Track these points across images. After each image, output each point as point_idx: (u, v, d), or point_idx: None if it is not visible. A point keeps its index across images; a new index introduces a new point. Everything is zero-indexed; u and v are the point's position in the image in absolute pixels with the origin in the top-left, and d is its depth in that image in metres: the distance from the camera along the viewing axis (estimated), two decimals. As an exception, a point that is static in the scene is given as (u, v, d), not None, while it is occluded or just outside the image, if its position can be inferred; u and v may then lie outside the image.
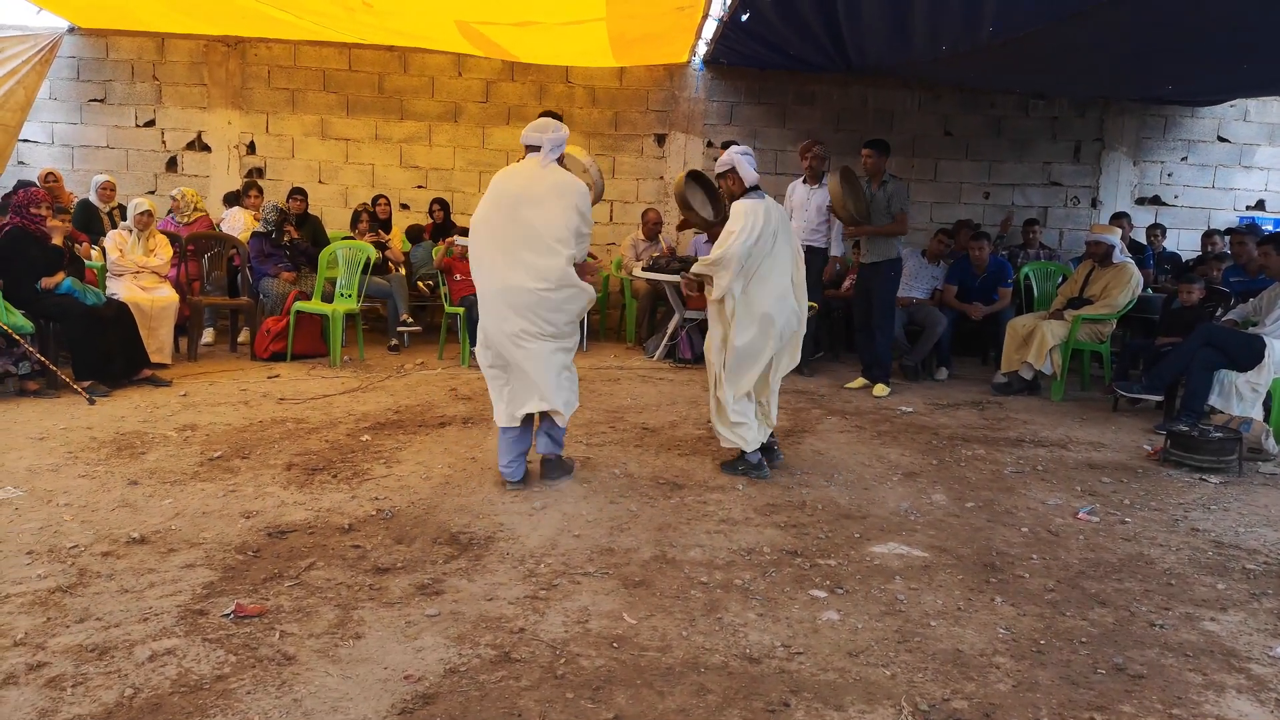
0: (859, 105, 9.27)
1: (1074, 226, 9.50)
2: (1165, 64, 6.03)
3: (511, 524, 3.60)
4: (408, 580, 3.03)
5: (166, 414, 5.16)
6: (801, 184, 7.12)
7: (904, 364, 7.19)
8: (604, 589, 3.02)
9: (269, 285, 7.32)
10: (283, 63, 9.02)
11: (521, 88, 9.13)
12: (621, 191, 9.29)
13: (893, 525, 3.79)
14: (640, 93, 9.17)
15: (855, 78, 8.95)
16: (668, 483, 4.22)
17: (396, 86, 9.10)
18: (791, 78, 9.12)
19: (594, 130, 9.17)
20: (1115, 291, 6.60)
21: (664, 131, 9.22)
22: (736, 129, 9.16)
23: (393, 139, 9.15)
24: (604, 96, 9.17)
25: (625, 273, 8.49)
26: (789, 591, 3.06)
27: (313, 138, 9.12)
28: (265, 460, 4.33)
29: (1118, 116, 9.33)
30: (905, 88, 9.21)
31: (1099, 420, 5.99)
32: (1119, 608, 3.04)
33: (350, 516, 3.61)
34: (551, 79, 9.11)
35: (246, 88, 9.02)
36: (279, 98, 9.06)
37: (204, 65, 8.97)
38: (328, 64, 9.04)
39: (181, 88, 9.00)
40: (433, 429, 5.04)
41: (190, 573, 3.02)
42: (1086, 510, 4.04)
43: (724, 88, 9.22)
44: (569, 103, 9.14)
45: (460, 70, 9.08)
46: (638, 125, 9.23)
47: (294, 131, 9.10)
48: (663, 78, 9.15)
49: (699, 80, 9.16)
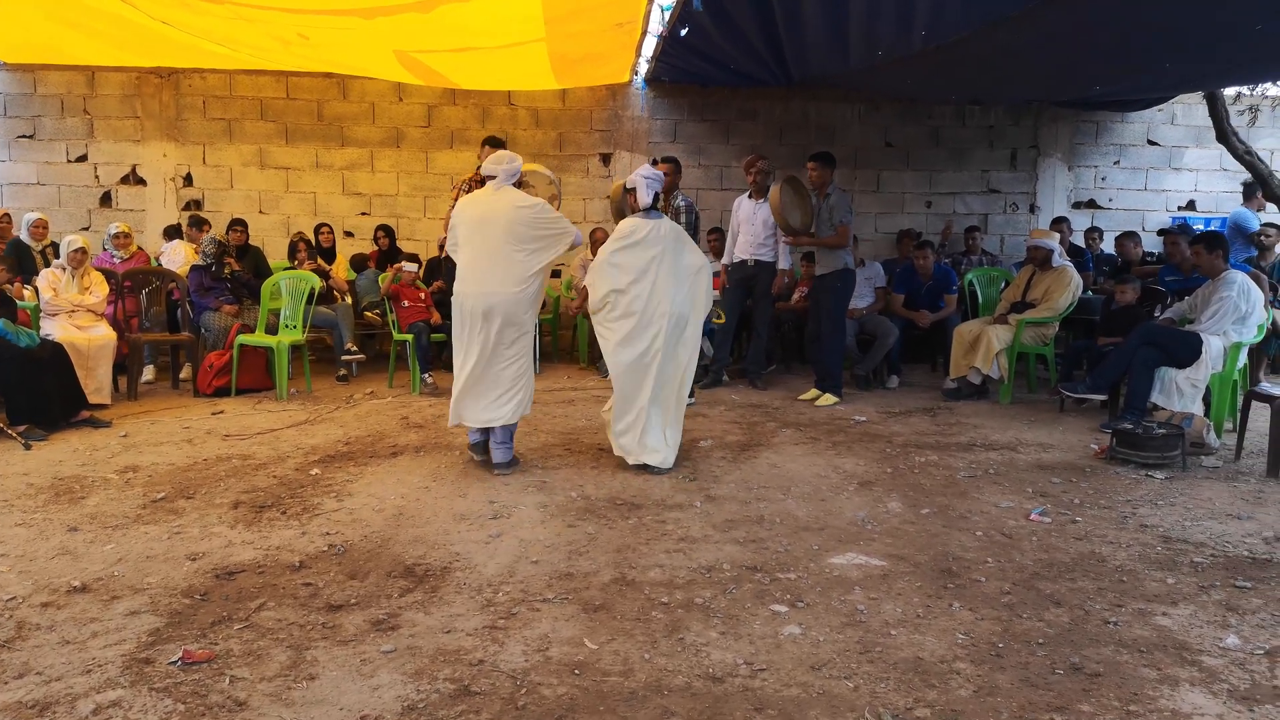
0: (801, 119, 9.40)
1: (1014, 232, 9.71)
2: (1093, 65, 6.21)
3: (467, 553, 3.55)
4: (362, 616, 2.97)
5: (106, 456, 5.02)
6: (747, 199, 7.18)
7: (855, 373, 7.27)
8: (564, 615, 2.99)
9: (210, 319, 7.18)
10: (218, 92, 8.89)
11: (464, 111, 9.11)
12: (569, 211, 9.27)
13: (850, 535, 3.81)
14: (583, 113, 9.20)
15: (797, 91, 9.08)
16: (625, 503, 4.21)
17: (336, 113, 9.02)
18: (734, 94, 9.22)
19: (539, 151, 9.17)
20: (1056, 294, 6.76)
21: (609, 151, 9.25)
22: (681, 146, 9.23)
23: (334, 166, 9.06)
24: (547, 118, 9.18)
25: (575, 293, 8.48)
26: (750, 608, 3.06)
27: (252, 167, 8.99)
28: (211, 499, 4.23)
29: (1051, 124, 9.58)
30: (846, 100, 9.36)
31: (1047, 421, 6.11)
32: (1074, 607, 3.09)
33: (301, 553, 3.53)
34: (494, 102, 9.10)
35: (181, 119, 8.88)
36: (215, 128, 8.93)
37: (137, 97, 8.81)
38: (264, 92, 8.93)
39: (114, 121, 8.83)
40: (384, 459, 4.97)
41: (135, 620, 2.93)
42: (1038, 511, 4.10)
43: (667, 105, 9.29)
44: (512, 125, 9.13)
45: (401, 95, 9.03)
46: (582, 145, 9.25)
47: (232, 162, 8.97)
48: (605, 97, 9.19)
49: (642, 99, 9.22)
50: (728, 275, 7.26)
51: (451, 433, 5.56)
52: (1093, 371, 6.17)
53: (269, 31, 6.59)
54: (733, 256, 7.26)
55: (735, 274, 7.23)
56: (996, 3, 4.67)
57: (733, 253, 7.26)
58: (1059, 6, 4.62)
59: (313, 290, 7.01)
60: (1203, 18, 4.79)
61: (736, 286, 7.22)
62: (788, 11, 6.12)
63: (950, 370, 6.98)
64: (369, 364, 7.86)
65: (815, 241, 6.65)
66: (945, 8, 4.89)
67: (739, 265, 7.19)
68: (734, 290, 7.22)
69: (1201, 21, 4.86)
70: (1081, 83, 7.18)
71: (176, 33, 6.93)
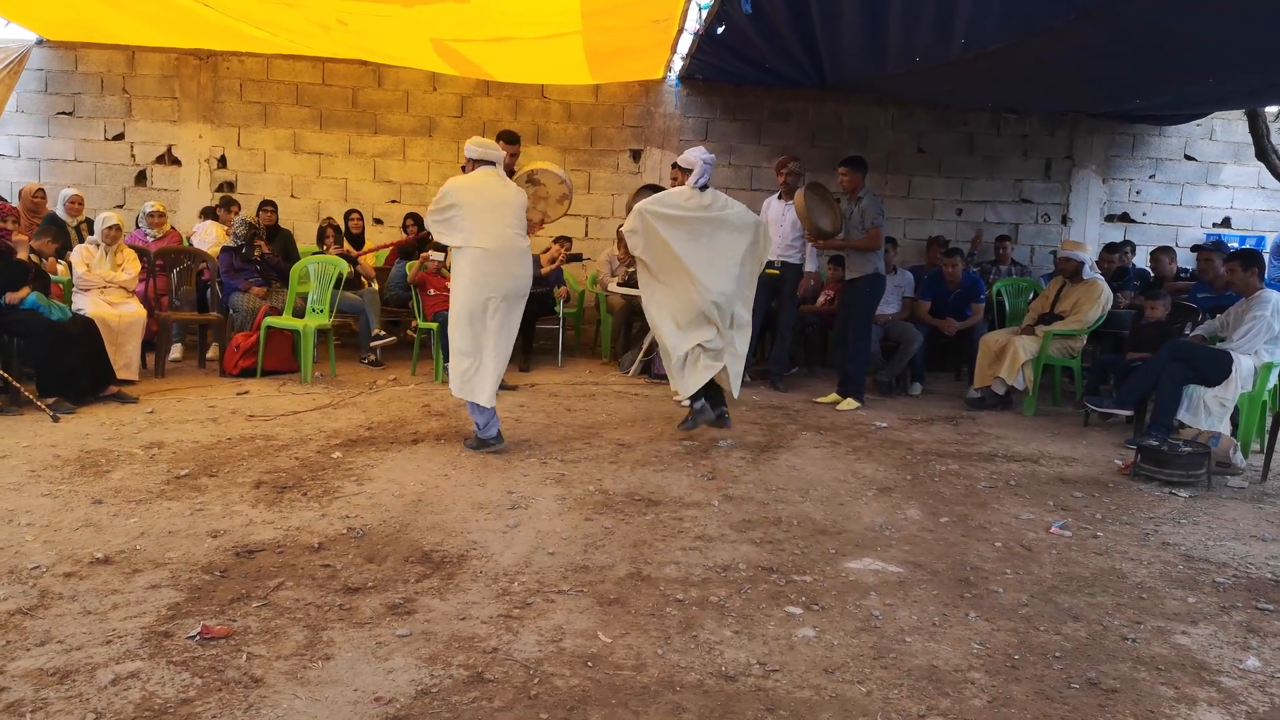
0: (834, 122, 9.35)
1: (1045, 243, 9.62)
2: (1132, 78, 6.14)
3: (485, 542, 3.57)
4: (379, 600, 2.99)
5: (133, 431, 5.08)
6: (776, 200, 7.16)
7: (879, 379, 7.24)
8: (578, 607, 3.00)
9: (239, 300, 7.25)
10: (255, 76, 8.97)
11: (497, 103, 9.13)
12: (597, 207, 9.30)
13: (868, 541, 3.79)
14: (616, 108, 9.20)
15: (830, 94, 9.03)
16: (643, 499, 4.21)
17: (370, 101, 9.07)
18: (767, 94, 9.19)
19: (569, 145, 9.18)
20: (1086, 307, 6.68)
21: (639, 147, 9.24)
22: (712, 145, 9.20)
23: (366, 153, 9.12)
24: (579, 112, 9.19)
25: (600, 288, 8.50)
26: (765, 608, 3.06)
27: (285, 151, 9.06)
28: (233, 478, 4.28)
29: (1087, 135, 9.48)
30: (879, 105, 9.31)
31: (1071, 435, 6.05)
32: (1092, 622, 3.06)
33: (320, 535, 3.57)
34: (527, 94, 9.12)
35: (218, 101, 8.96)
36: (251, 111, 9.00)
37: (175, 78, 8.90)
38: (300, 78, 9.00)
39: (152, 101, 8.92)
40: (405, 446, 5.00)
41: (155, 594, 2.97)
42: (1059, 525, 4.07)
43: (700, 104, 9.27)
44: (544, 118, 9.15)
45: (435, 85, 9.07)
46: (613, 141, 9.25)
47: (266, 145, 9.05)
48: (638, 94, 9.19)
49: (675, 96, 9.21)
50: None
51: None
52: (1119, 386, 6.10)
53: (309, 16, 6.64)
54: None
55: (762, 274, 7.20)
56: (1037, 13, 4.63)
57: None
58: (1100, 18, 4.57)
59: (340, 275, 7.06)
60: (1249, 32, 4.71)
61: (761, 287, 7.18)
62: (825, 13, 6.09)
63: (974, 379, 6.93)
64: (391, 351, 7.90)
65: (846, 244, 6.60)
66: (986, 16, 4.85)
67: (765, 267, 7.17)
68: (760, 290, 7.18)
69: (1248, 36, 4.79)
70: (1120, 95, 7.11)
71: (216, 15, 6.99)
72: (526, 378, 7.33)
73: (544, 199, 6.12)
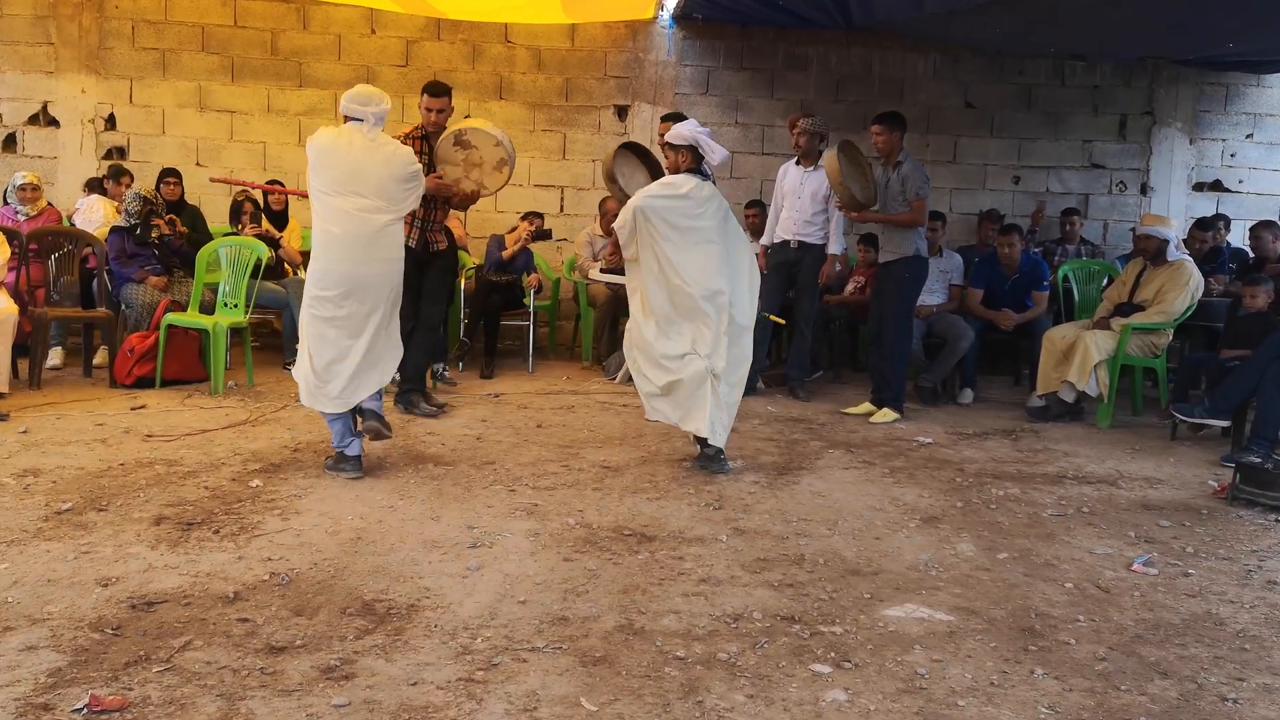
0: (862, 70, 9.39)
1: (1120, 218, 9.68)
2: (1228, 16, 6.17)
3: (440, 588, 3.56)
4: (309, 661, 2.98)
5: (2, 456, 5.05)
6: (794, 165, 7.17)
7: (921, 384, 7.25)
8: (556, 668, 3.00)
9: (133, 293, 7.21)
10: (151, 17, 8.94)
11: (450, 49, 9.13)
12: (574, 176, 9.30)
13: (910, 582, 3.80)
14: (596, 55, 9.21)
15: (858, 37, 9.07)
16: (634, 534, 4.21)
17: (294, 46, 9.06)
18: (781, 36, 9.22)
19: (540, 101, 9.19)
20: (1171, 295, 6.71)
21: (625, 103, 9.26)
22: (715, 99, 9.23)
23: (290, 111, 9.10)
24: (552, 60, 9.20)
25: (580, 275, 8.48)
26: (785, 667, 3.06)
27: (189, 109, 9.04)
28: (128, 513, 4.25)
29: (1170, 85, 9.53)
30: (917, 50, 9.34)
31: (1155, 451, 6.08)
32: (1184, 679, 3.07)
33: (236, 582, 3.55)
34: (487, 38, 9.12)
35: (105, 48, 8.93)
36: (146, 60, 8.98)
37: (50, 20, 8.87)
38: (207, 18, 8.98)
39: (22, 48, 8.88)
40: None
41: (32, 656, 2.95)
42: (1142, 561, 4.09)
43: (699, 49, 9.29)
44: (509, 67, 9.16)
45: (374, 27, 9.07)
46: (594, 95, 9.26)
47: (165, 102, 9.02)
48: (624, 37, 9.20)
49: (668, 40, 9.23)
50: (767, 259, 7.24)
51: (423, 441, 5.58)
52: (1213, 391, 6.13)
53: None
54: (773, 236, 7.24)
55: (776, 257, 7.21)
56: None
57: (774, 232, 7.25)
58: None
59: (259, 262, 7.03)
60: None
61: (776, 272, 7.18)
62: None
63: (1038, 385, 6.96)
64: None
65: (887, 218, 6.59)
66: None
67: (780, 247, 7.17)
68: (773, 277, 7.18)
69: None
70: (1213, 38, 7.14)
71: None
72: (489, 385, 7.32)
73: (477, 165, 6.06)
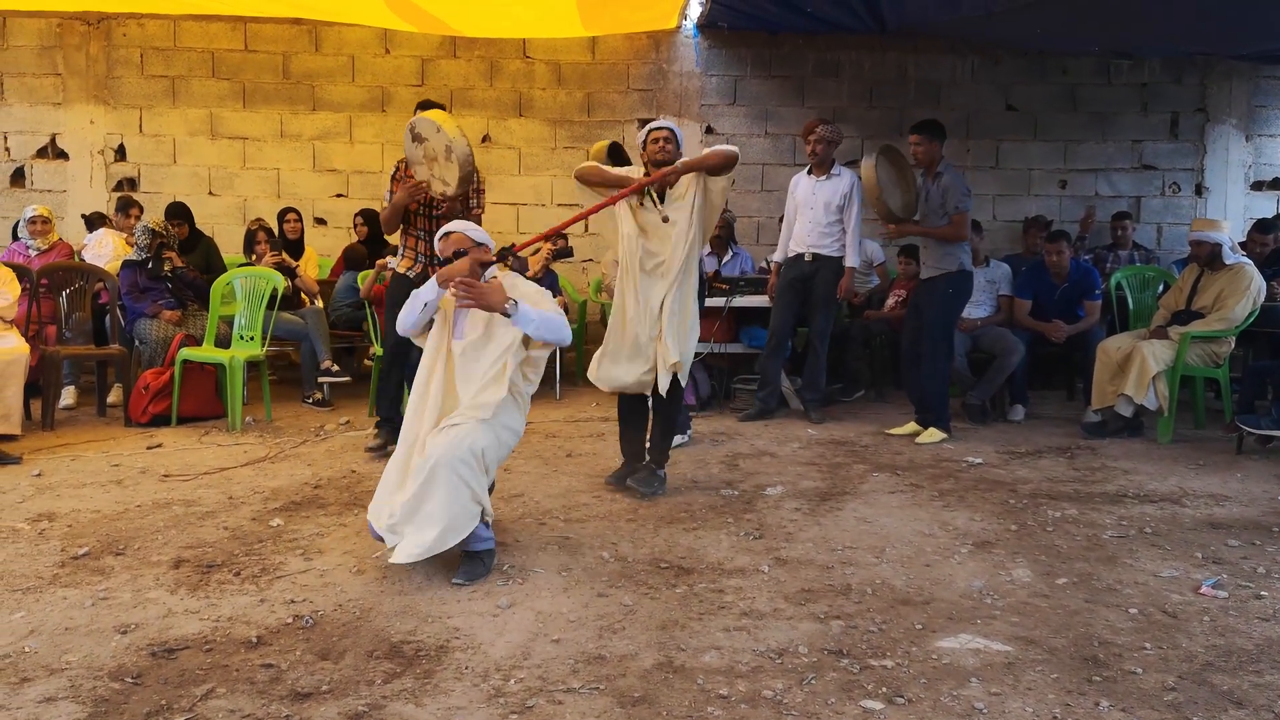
0: (896, 75, 9.39)
1: (1175, 220, 9.62)
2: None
3: (470, 628, 3.56)
4: (336, 708, 2.98)
5: (15, 500, 5.11)
6: (806, 175, 7.15)
7: (968, 402, 7.20)
8: (594, 710, 2.99)
9: (146, 328, 7.29)
10: (159, 44, 9.08)
11: (467, 66, 9.22)
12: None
13: (964, 612, 3.77)
14: (618, 68, 9.27)
15: (891, 41, 9.08)
16: (671, 566, 4.20)
17: (306, 69, 9.17)
18: (810, 42, 9.24)
19: (561, 117, 9.25)
20: (1231, 301, 6.65)
21: (650, 116, 9.30)
22: (743, 109, 9.27)
23: (303, 136, 9.21)
24: (572, 74, 9.26)
25: (606, 296, 8.49)
26: (834, 704, 3.04)
27: (200, 137, 9.16)
28: (146, 556, 4.28)
29: (1223, 81, 9.48)
30: (954, 52, 9.34)
31: (1220, 466, 6.01)
32: (1259, 708, 3.03)
33: (259, 626, 3.56)
34: (504, 54, 9.20)
35: (113, 77, 9.08)
36: (156, 88, 9.12)
37: (58, 49, 9.03)
38: (217, 43, 9.11)
39: (29, 79, 9.05)
40: (363, 507, 4.99)
41: (51, 709, 2.97)
42: (1211, 583, 4.04)
43: (725, 58, 9.33)
44: (528, 83, 9.23)
45: (388, 46, 9.17)
46: (616, 109, 9.32)
47: (176, 130, 9.15)
48: (646, 48, 9.25)
49: (693, 50, 9.28)
50: (779, 275, 7.21)
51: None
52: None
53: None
54: (786, 250, 7.20)
55: (789, 272, 7.14)
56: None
57: (786, 246, 7.21)
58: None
59: (275, 293, 7.09)
60: None
61: (789, 288, 7.12)
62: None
63: (1093, 399, 6.90)
64: (343, 387, 7.92)
65: (924, 231, 6.54)
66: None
67: (794, 261, 7.12)
68: (786, 293, 7.13)
69: None
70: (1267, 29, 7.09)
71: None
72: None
73: (434, 159, 5.53)
